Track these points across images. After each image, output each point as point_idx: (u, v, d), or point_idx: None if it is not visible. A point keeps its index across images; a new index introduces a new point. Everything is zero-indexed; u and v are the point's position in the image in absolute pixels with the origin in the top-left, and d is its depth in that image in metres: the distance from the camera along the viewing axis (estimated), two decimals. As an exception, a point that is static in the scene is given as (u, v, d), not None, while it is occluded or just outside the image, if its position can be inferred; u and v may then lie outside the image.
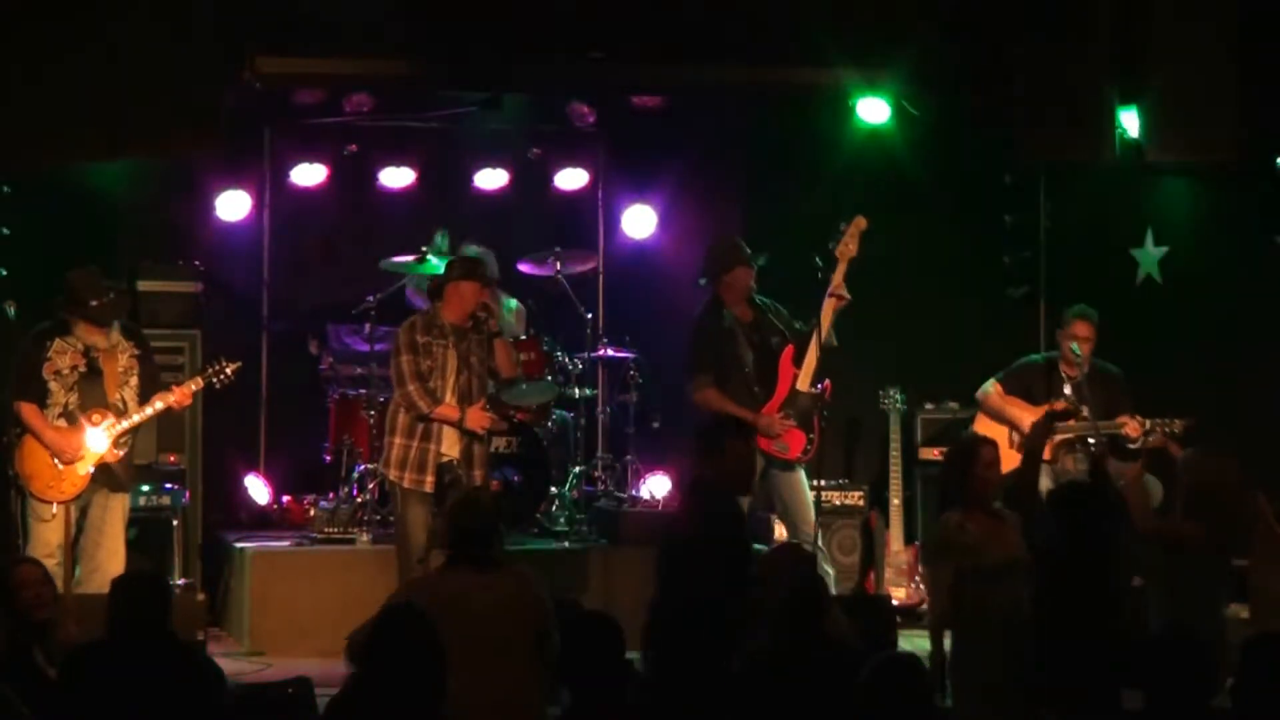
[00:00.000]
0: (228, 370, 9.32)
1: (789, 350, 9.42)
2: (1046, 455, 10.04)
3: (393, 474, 9.31)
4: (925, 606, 10.43)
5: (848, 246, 9.41)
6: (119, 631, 6.19)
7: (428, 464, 9.21)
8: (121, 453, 9.09)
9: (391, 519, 10.69)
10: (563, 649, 5.88)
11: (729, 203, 11.90)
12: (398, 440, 9.29)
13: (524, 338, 11.11)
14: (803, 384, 9.40)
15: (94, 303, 9.02)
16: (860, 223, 9.42)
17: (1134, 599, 8.07)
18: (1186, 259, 11.10)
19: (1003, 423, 10.17)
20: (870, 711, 5.34)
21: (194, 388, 9.26)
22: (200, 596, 9.73)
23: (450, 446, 9.26)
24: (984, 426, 10.24)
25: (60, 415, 8.99)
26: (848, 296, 9.37)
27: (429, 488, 9.20)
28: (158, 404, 9.09)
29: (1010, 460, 9.84)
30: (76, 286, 9.04)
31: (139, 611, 6.19)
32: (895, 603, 10.21)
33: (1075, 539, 7.27)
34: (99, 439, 8.99)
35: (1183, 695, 5.47)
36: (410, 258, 11.05)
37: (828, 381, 9.43)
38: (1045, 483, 9.97)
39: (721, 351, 9.45)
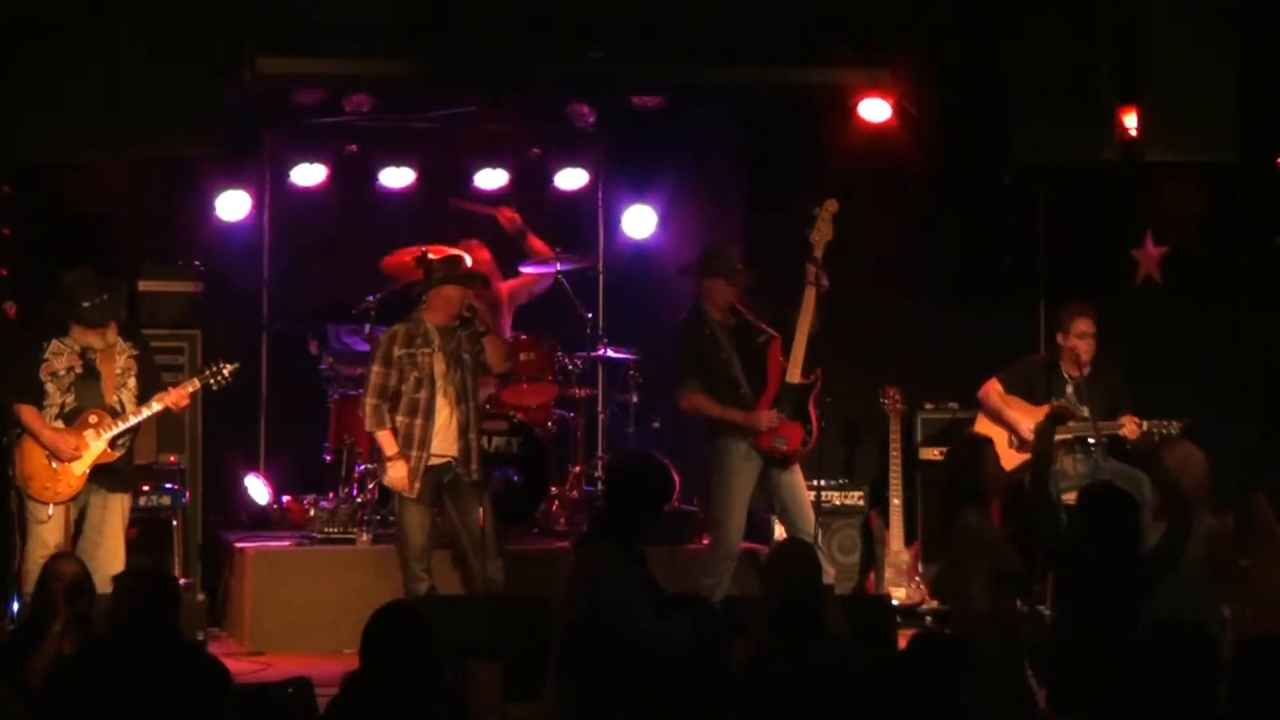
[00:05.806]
0: (225, 371, 9.31)
1: (776, 344, 9.42)
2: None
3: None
4: (925, 606, 10.44)
5: (822, 231, 9.43)
6: (125, 630, 6.19)
7: (419, 471, 9.38)
8: (120, 453, 9.09)
9: (392, 519, 10.73)
10: (562, 649, 5.88)
11: (729, 203, 11.88)
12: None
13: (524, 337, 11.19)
14: (792, 376, 9.40)
15: (86, 304, 9.00)
16: (831, 205, 9.43)
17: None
18: (1186, 259, 11.09)
19: (1001, 424, 10.17)
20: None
21: (191, 389, 9.27)
22: (200, 596, 9.74)
23: (448, 447, 9.42)
24: (984, 426, 10.24)
25: (58, 416, 8.99)
26: (826, 283, 9.39)
27: (416, 494, 9.39)
28: (155, 405, 9.09)
29: (1010, 459, 9.88)
30: (69, 287, 9.02)
31: (149, 611, 6.20)
32: (895, 603, 10.20)
33: (1104, 539, 7.28)
34: (96, 440, 8.99)
35: (1178, 693, 5.47)
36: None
37: (819, 369, 9.43)
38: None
39: (705, 356, 9.48)
